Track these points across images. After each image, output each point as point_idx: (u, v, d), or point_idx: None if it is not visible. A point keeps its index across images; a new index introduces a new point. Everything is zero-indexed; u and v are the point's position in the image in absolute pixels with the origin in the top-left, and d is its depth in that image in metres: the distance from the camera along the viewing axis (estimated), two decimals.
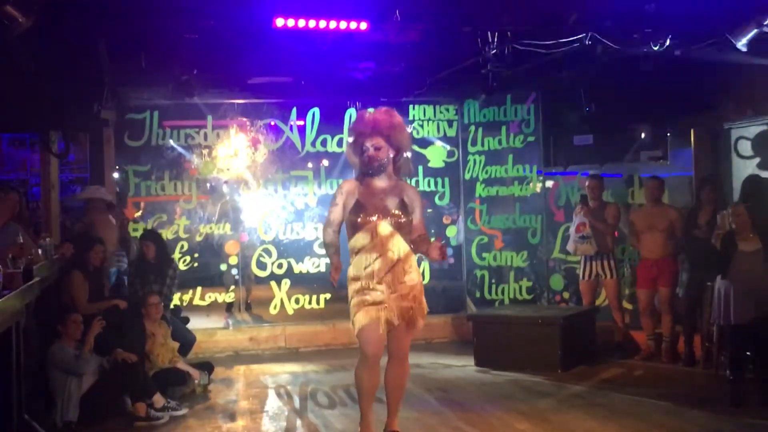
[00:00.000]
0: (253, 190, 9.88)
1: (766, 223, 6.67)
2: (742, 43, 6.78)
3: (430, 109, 10.24)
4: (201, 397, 7.14)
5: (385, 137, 5.05)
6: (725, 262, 6.59)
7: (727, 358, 6.69)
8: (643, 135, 9.51)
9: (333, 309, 9.95)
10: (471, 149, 10.20)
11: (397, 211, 5.04)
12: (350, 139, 5.24)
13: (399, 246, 5.00)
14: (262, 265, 9.79)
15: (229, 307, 9.99)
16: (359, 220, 4.99)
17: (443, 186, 10.28)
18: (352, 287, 5.05)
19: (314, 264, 9.90)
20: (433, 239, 5.11)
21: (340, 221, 5.14)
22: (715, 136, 8.75)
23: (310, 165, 10.37)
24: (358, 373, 5.10)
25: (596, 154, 9.69)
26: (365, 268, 4.96)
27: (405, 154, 5.23)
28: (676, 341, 8.17)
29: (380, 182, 5.12)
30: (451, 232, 10.45)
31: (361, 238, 5.00)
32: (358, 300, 4.98)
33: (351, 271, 5.07)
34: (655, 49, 7.09)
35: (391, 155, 5.12)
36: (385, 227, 4.99)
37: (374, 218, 4.99)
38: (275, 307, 9.76)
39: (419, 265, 10.08)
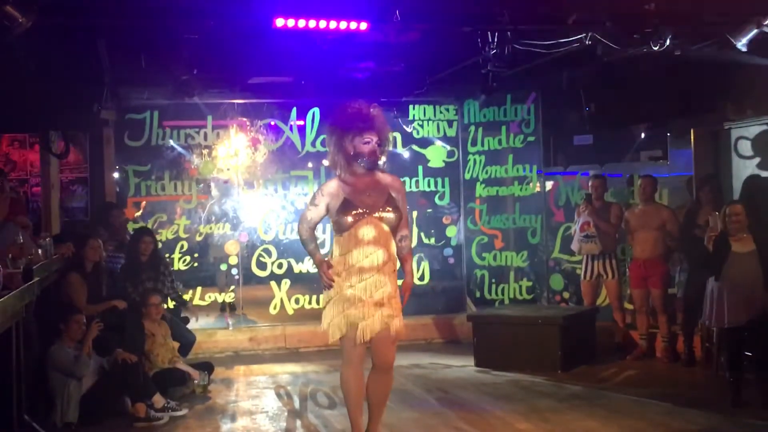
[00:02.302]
0: (253, 190, 9.89)
1: (763, 223, 6.67)
2: (742, 43, 6.77)
3: (430, 109, 10.25)
4: (201, 398, 7.13)
5: (378, 133, 4.92)
6: (718, 264, 6.57)
7: (725, 359, 6.68)
8: (643, 135, 9.50)
9: None
10: (471, 149, 10.20)
11: (387, 208, 4.88)
12: (342, 131, 4.92)
13: (386, 246, 4.85)
14: (262, 265, 9.79)
15: (223, 307, 9.99)
16: (349, 219, 4.81)
17: (443, 186, 10.29)
18: (332, 287, 4.88)
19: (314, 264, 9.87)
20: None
21: (316, 221, 4.99)
22: (715, 136, 8.75)
23: (310, 165, 10.37)
24: (344, 377, 4.98)
25: (596, 154, 9.68)
26: (350, 265, 4.80)
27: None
28: (674, 341, 8.18)
29: (367, 177, 4.93)
30: (451, 232, 10.45)
31: (349, 237, 4.82)
32: (336, 305, 4.83)
33: (333, 266, 4.89)
34: (655, 49, 7.08)
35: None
36: (374, 225, 4.82)
37: (364, 215, 4.82)
38: (275, 307, 9.76)
39: (419, 266, 10.16)
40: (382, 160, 5.10)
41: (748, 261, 6.45)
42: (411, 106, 10.10)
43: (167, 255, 9.13)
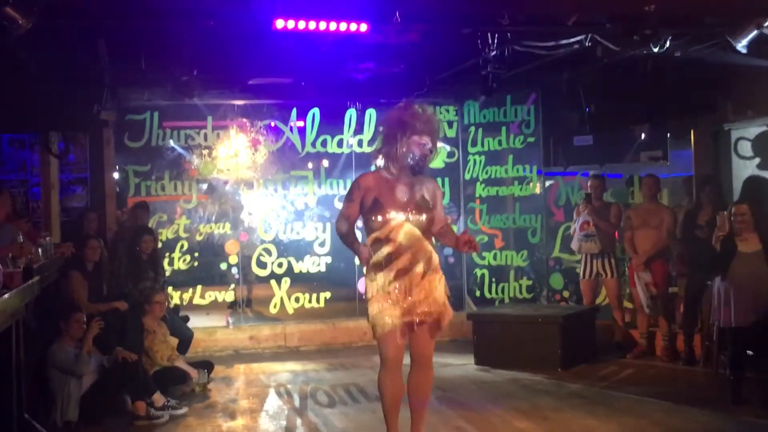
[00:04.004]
0: (253, 190, 9.90)
1: (765, 223, 6.66)
2: (742, 44, 6.78)
3: (430, 110, 10.23)
4: (201, 396, 7.14)
5: (432, 139, 4.87)
6: (725, 265, 6.55)
7: (728, 358, 6.67)
8: (643, 135, 9.51)
9: (333, 308, 10.00)
10: (471, 150, 10.21)
11: (419, 210, 4.81)
12: (401, 127, 4.81)
13: (420, 245, 4.77)
14: (262, 265, 9.80)
15: (232, 305, 10.00)
16: (379, 218, 4.74)
17: (443, 186, 10.26)
18: (372, 285, 4.77)
19: (314, 263, 9.92)
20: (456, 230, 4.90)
21: (355, 218, 4.88)
22: (715, 136, 8.76)
23: (310, 165, 10.40)
24: (380, 380, 4.85)
25: (596, 154, 9.69)
26: (384, 265, 4.71)
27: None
28: (675, 340, 8.19)
29: (406, 178, 4.83)
30: None
31: (380, 237, 4.74)
32: (378, 305, 4.73)
33: (369, 270, 4.80)
34: (655, 50, 7.09)
35: None
36: (406, 226, 4.74)
37: (394, 215, 4.73)
38: (275, 306, 9.78)
39: None
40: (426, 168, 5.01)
41: (754, 261, 6.43)
42: None
43: (167, 255, 9.16)
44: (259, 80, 9.05)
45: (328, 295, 9.92)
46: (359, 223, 5.04)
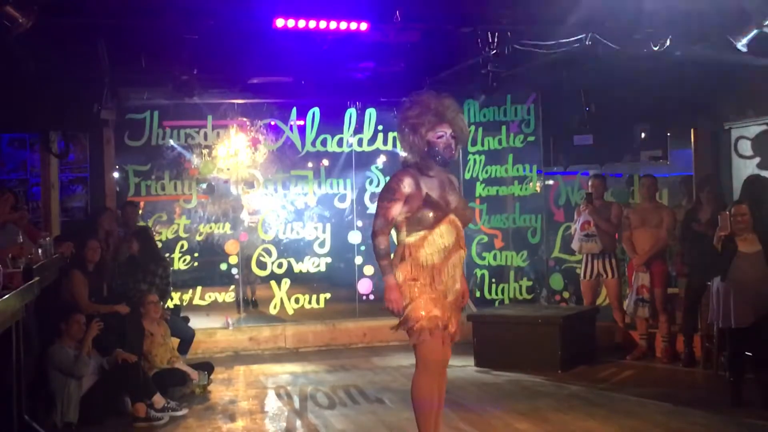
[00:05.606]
0: (253, 190, 9.90)
1: (766, 223, 6.65)
2: (742, 44, 6.77)
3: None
4: (201, 398, 7.13)
5: (451, 125, 4.66)
6: (726, 265, 6.54)
7: (727, 359, 6.67)
8: (643, 135, 9.50)
9: (333, 309, 9.99)
10: (471, 149, 10.19)
11: (463, 207, 4.70)
12: (413, 125, 4.64)
13: (463, 245, 4.65)
14: (262, 265, 9.79)
15: (237, 305, 9.99)
16: (430, 215, 4.51)
17: None
18: (412, 288, 4.54)
19: (314, 264, 9.91)
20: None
21: (395, 219, 4.58)
22: (715, 136, 8.75)
23: (310, 165, 10.40)
24: (423, 386, 4.59)
25: (596, 154, 9.67)
26: (430, 265, 4.52)
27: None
28: (674, 341, 8.18)
29: (440, 174, 4.65)
30: None
31: (428, 236, 4.53)
32: (422, 305, 4.51)
33: (410, 270, 4.55)
34: (655, 49, 7.08)
35: None
36: (454, 224, 4.60)
37: (446, 214, 4.56)
38: (275, 307, 9.78)
39: None
40: (457, 153, 4.88)
41: (755, 261, 6.42)
42: None
43: (167, 255, 9.14)
44: (259, 79, 9.05)
45: (328, 296, 9.92)
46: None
